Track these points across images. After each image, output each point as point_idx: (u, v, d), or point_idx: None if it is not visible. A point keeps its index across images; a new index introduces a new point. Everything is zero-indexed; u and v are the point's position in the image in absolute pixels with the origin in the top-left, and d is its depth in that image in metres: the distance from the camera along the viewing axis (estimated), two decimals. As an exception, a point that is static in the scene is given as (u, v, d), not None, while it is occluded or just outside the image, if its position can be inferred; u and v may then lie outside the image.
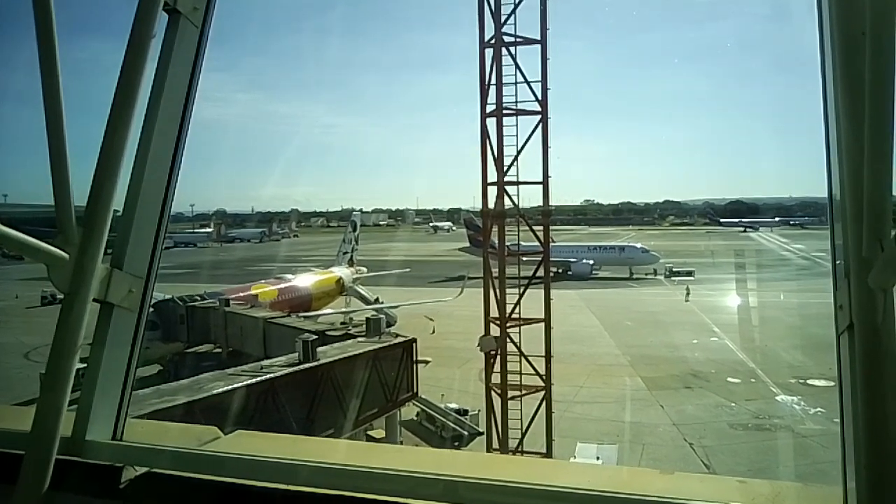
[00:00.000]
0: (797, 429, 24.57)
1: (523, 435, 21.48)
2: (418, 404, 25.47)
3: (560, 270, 60.84)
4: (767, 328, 39.16)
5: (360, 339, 23.24)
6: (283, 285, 42.46)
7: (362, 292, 48.75)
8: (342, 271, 51.08)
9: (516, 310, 22.20)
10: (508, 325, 21.98)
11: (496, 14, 20.86)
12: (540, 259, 23.18)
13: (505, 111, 21.28)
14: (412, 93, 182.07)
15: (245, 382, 17.72)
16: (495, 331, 22.20)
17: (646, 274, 68.43)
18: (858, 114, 1.66)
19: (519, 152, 21.51)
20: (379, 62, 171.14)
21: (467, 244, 69.43)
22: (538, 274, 23.02)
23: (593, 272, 68.77)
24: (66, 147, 2.14)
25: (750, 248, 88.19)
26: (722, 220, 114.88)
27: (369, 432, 22.02)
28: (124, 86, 2.28)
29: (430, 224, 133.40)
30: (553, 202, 24.23)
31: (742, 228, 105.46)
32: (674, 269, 66.70)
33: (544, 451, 21.10)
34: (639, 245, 76.19)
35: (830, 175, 2.02)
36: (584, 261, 69.71)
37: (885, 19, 1.57)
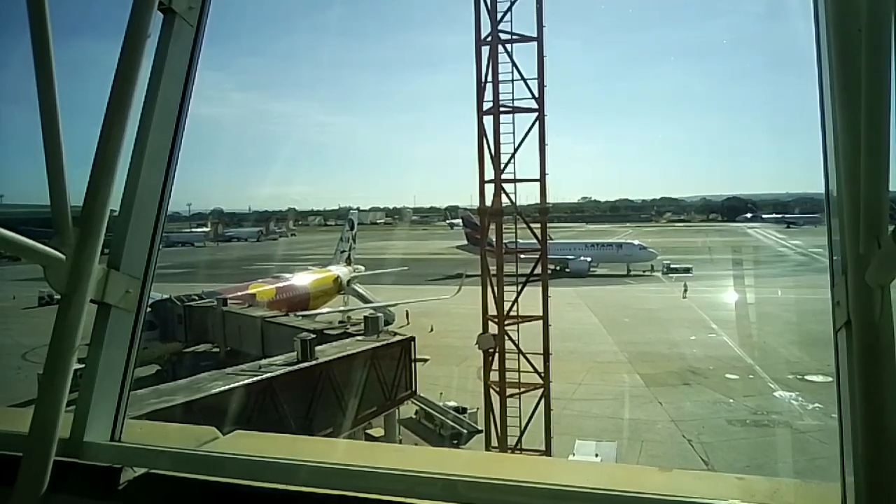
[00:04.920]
0: (795, 425, 24.64)
1: (522, 433, 21.49)
2: (417, 403, 25.49)
3: (558, 268, 60.93)
4: (765, 324, 39.26)
5: (358, 337, 23.25)
6: (280, 284, 42.50)
7: (360, 291, 48.76)
8: (340, 270, 51.10)
9: (514, 307, 22.23)
10: (506, 322, 21.99)
11: (492, 11, 20.85)
12: (538, 257, 23.18)
13: (502, 109, 21.26)
14: (408, 91, 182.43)
15: (243, 382, 17.71)
16: (493, 329, 22.22)
17: (643, 271, 68.57)
18: (855, 110, 1.66)
19: (516, 150, 21.50)
20: (374, 60, 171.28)
21: (465, 242, 69.54)
22: (536, 271, 23.05)
23: (591, 269, 68.89)
24: (61, 147, 2.13)
25: (747, 244, 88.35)
26: (765, 216, 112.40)
27: (368, 431, 22.01)
28: (120, 86, 2.27)
29: (447, 221, 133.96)
30: (550, 199, 24.29)
31: (786, 224, 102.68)
32: (671, 266, 66.81)
33: (543, 448, 21.15)
34: (636, 242, 76.38)
35: (827, 172, 2.02)
36: (582, 258, 69.89)
37: (881, 16, 1.57)
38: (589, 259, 70.05)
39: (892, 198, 1.70)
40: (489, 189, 21.84)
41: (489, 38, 21.03)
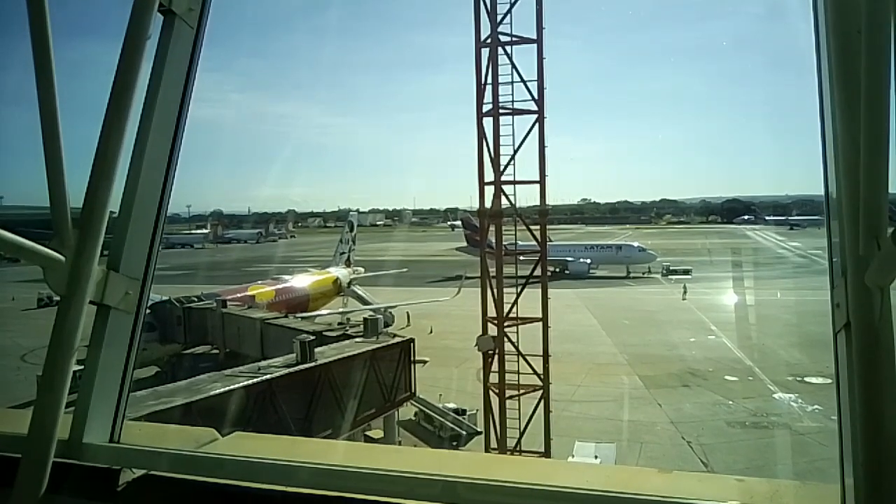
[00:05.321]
0: (795, 426, 24.59)
1: (521, 434, 21.46)
2: (416, 404, 25.43)
3: (557, 270, 60.89)
4: (764, 326, 39.22)
5: (357, 339, 23.21)
6: (280, 286, 42.49)
7: (360, 293, 48.75)
8: (339, 272, 51.06)
9: (514, 309, 22.22)
10: (506, 324, 21.97)
11: (492, 13, 20.87)
12: (537, 258, 23.17)
13: (501, 110, 21.27)
14: (408, 93, 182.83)
15: (242, 384, 17.66)
16: (493, 330, 22.20)
17: (643, 273, 68.61)
18: (854, 112, 1.66)
19: (515, 151, 21.50)
20: (374, 62, 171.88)
21: (465, 244, 69.55)
22: (535, 273, 23.04)
23: (591, 271, 68.92)
24: (61, 149, 2.13)
25: (746, 246, 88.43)
26: (768, 217, 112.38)
27: (367, 433, 21.98)
28: (120, 87, 2.26)
29: (447, 223, 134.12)
30: (550, 201, 24.35)
31: (789, 226, 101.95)
32: (671, 268, 66.87)
33: (542, 450, 21.13)
34: (636, 244, 76.47)
35: (827, 173, 2.02)
36: (582, 260, 69.90)
37: (880, 17, 1.57)
38: (588, 261, 70.05)
39: (892, 199, 1.70)
40: (489, 191, 21.85)
41: (489, 40, 21.06)
